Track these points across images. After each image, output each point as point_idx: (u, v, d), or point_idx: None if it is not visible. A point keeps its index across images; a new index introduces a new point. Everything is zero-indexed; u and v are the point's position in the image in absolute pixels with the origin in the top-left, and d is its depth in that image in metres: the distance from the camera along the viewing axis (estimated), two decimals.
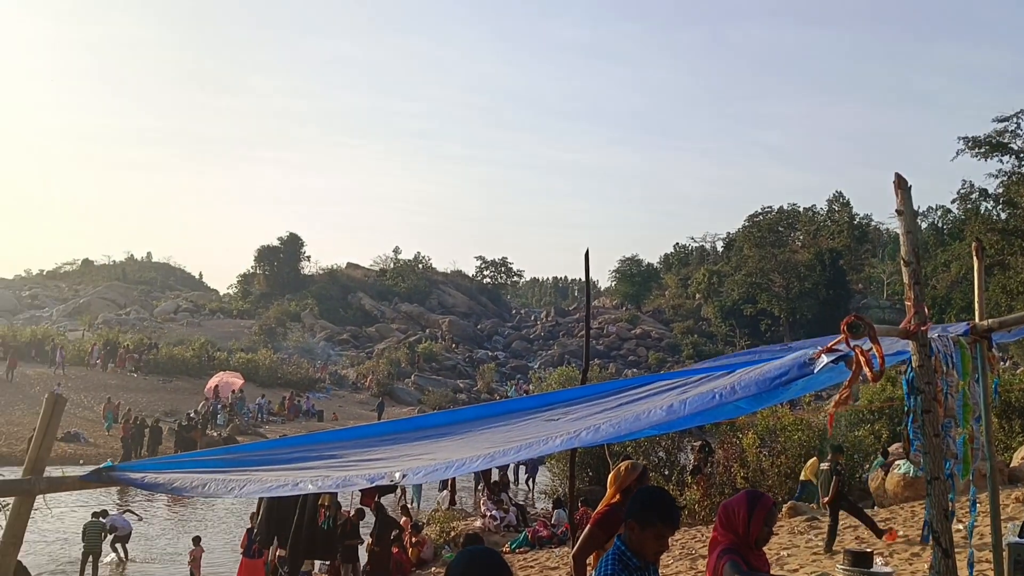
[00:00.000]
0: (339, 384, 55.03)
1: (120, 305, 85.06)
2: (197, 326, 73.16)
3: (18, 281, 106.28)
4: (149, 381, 43.67)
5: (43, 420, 3.70)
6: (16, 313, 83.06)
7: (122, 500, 21.59)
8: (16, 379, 38.17)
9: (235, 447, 4.91)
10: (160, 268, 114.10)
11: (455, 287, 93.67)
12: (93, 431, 31.80)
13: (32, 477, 3.55)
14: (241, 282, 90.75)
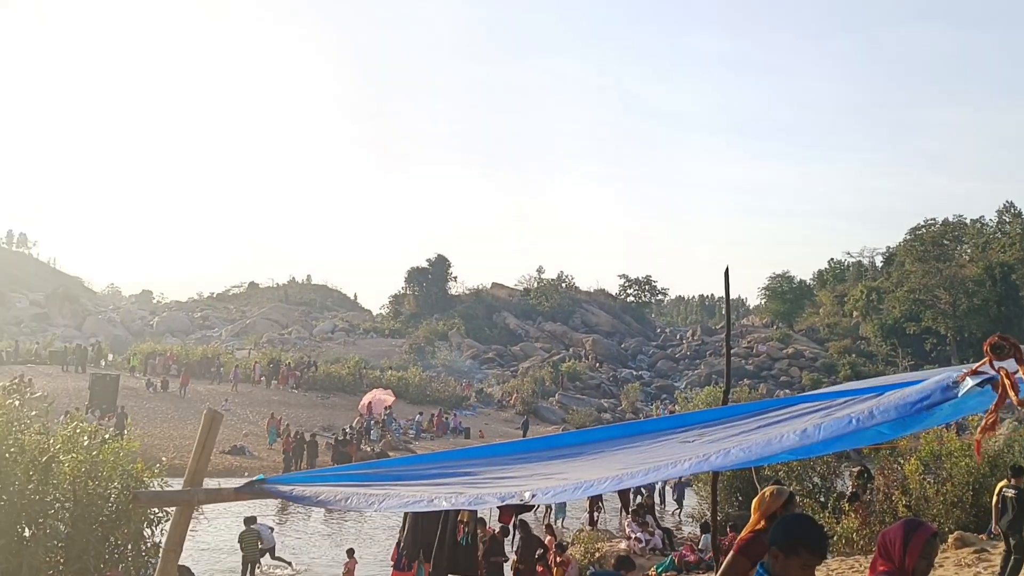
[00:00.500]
0: (485, 402, 55.88)
1: (282, 325, 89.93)
2: (352, 345, 76.28)
3: (191, 303, 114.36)
4: (308, 397, 45.79)
5: (201, 435, 3.98)
6: (189, 333, 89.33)
7: (281, 512, 22.72)
8: (188, 395, 40.94)
9: (377, 462, 5.09)
10: (319, 290, 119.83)
11: (598, 306, 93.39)
12: (258, 445, 33.63)
13: (191, 488, 3.82)
14: (392, 302, 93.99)
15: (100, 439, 8.71)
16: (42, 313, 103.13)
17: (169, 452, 23.87)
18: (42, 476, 7.93)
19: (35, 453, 8.11)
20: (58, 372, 43.86)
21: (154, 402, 38.78)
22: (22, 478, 7.65)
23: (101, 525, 8.06)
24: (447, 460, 4.49)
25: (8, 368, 40.85)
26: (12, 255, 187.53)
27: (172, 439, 30.50)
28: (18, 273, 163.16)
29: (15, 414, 8.37)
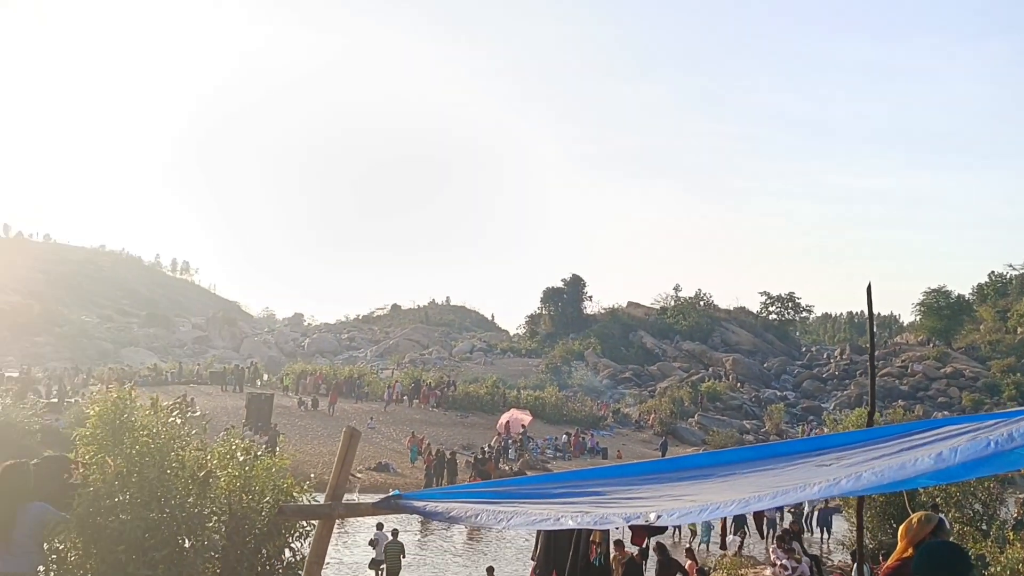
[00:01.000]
0: (622, 422, 55.35)
1: (423, 345, 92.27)
2: (490, 364, 77.37)
3: (338, 325, 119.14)
4: (448, 416, 46.73)
5: (341, 451, 4.18)
6: (337, 354, 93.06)
7: (423, 530, 23.24)
8: (336, 413, 42.59)
9: (510, 480, 5.17)
10: (457, 311, 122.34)
11: (739, 324, 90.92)
12: (401, 462, 34.57)
13: (333, 503, 4.01)
14: (529, 322, 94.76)
15: (253, 455, 9.19)
16: (203, 336, 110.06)
17: (318, 468, 24.82)
18: (200, 490, 8.42)
19: (194, 468, 8.63)
20: (217, 391, 46.60)
21: (305, 420, 40.54)
22: (182, 492, 8.15)
23: (254, 537, 8.49)
24: (577, 479, 4.51)
25: (172, 388, 43.73)
26: (176, 282, 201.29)
27: (321, 455, 31.75)
28: (181, 299, 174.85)
29: (177, 431, 8.93)
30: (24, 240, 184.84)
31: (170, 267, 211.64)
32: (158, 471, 8.16)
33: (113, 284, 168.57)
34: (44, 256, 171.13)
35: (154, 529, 7.61)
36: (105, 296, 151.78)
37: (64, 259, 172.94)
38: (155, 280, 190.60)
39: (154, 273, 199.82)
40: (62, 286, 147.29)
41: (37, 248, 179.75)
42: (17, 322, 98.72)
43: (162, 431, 8.62)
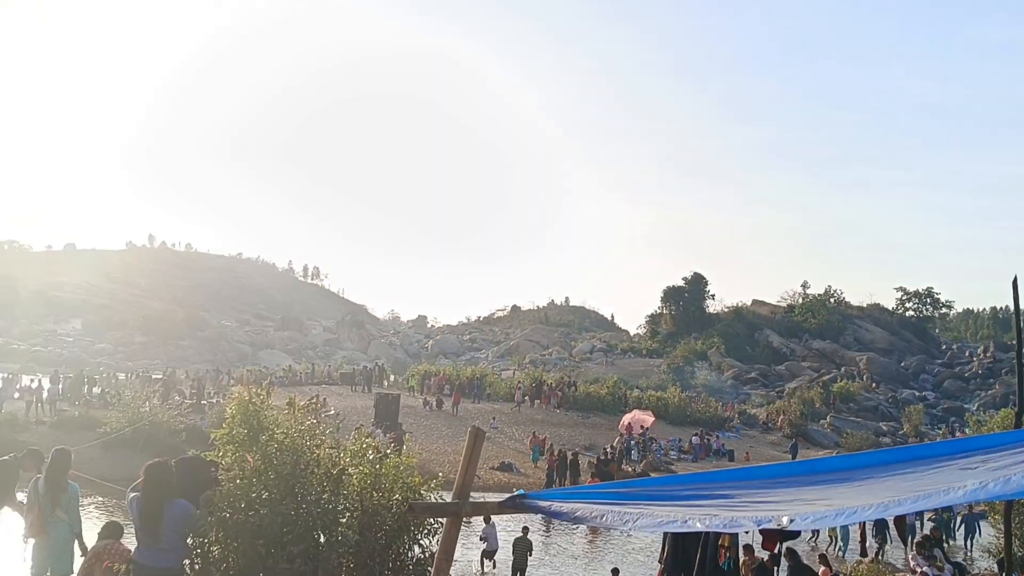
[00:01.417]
0: (749, 424, 53.92)
1: (543, 346, 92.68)
2: (610, 365, 76.95)
3: (460, 327, 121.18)
4: (569, 417, 46.72)
5: (467, 450, 4.25)
6: (459, 355, 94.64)
7: (546, 529, 23.32)
8: (460, 413, 43.29)
9: (635, 481, 5.13)
10: (577, 311, 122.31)
11: (873, 321, 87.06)
12: (523, 462, 34.81)
13: (459, 501, 4.08)
14: (649, 322, 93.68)
15: (382, 453, 9.45)
16: (333, 338, 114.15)
17: (444, 467, 25.34)
18: (334, 487, 8.72)
19: (328, 466, 8.94)
20: (347, 392, 48.19)
21: (430, 419, 41.40)
22: (317, 489, 8.46)
23: (385, 534, 8.73)
24: (704, 482, 4.43)
25: (306, 388, 45.50)
26: (307, 287, 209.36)
27: (446, 454, 32.35)
28: (312, 303, 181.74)
29: (312, 430, 9.28)
30: (168, 250, 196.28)
31: (302, 273, 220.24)
32: (293, 468, 8.50)
33: (250, 290, 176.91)
34: (186, 264, 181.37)
35: (291, 524, 7.93)
36: (243, 301, 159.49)
37: (205, 267, 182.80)
38: (288, 285, 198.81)
39: (287, 279, 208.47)
40: (203, 293, 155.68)
41: (180, 257, 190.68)
42: (162, 327, 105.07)
43: (297, 429, 8.99)
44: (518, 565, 17.12)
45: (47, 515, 8.86)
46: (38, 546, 8.91)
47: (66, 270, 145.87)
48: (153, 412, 30.19)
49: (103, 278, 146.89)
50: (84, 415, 32.26)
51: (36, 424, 31.05)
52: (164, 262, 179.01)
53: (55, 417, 32.44)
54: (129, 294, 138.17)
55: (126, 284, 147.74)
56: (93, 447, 25.28)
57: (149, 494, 7.36)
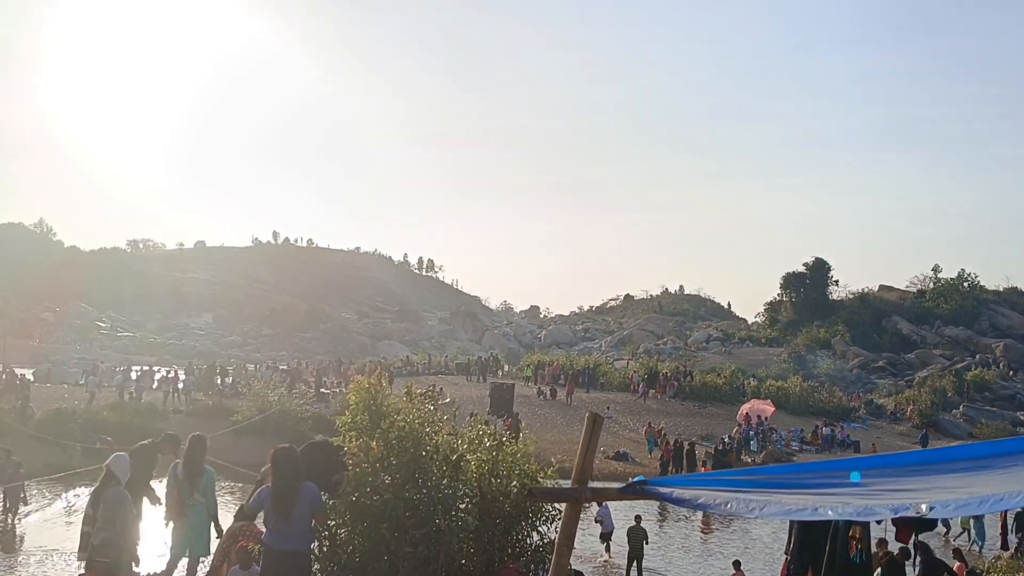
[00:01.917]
0: (875, 414, 51.77)
1: (657, 335, 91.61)
2: (727, 354, 75.34)
3: (572, 317, 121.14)
4: (685, 406, 46.03)
5: (585, 436, 4.22)
6: (572, 344, 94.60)
7: (661, 520, 23.08)
8: (574, 402, 43.31)
9: (759, 469, 4.99)
10: (692, 299, 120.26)
11: (1010, 306, 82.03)
12: (638, 452, 34.54)
13: (580, 486, 4.07)
14: (768, 310, 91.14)
15: (498, 440, 9.54)
16: (448, 329, 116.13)
17: (559, 455, 25.42)
18: (453, 473, 8.86)
19: (447, 452, 9.10)
20: (463, 381, 48.97)
21: (544, 409, 41.59)
22: (437, 474, 8.62)
23: (503, 520, 8.82)
24: (833, 469, 4.26)
25: (423, 378, 46.49)
26: (423, 279, 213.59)
27: (561, 443, 32.44)
28: (428, 295, 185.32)
29: (430, 417, 9.47)
30: (291, 245, 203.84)
31: (417, 266, 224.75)
32: (414, 454, 8.69)
33: (368, 283, 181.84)
34: (308, 259, 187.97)
35: (413, 508, 8.11)
36: (361, 294, 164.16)
37: (325, 261, 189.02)
38: (404, 278, 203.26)
39: (403, 271, 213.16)
40: (324, 286, 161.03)
41: (302, 252, 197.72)
42: (287, 320, 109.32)
43: (416, 417, 9.19)
44: (635, 554, 17.02)
45: (186, 498, 9.33)
46: (178, 527, 9.40)
47: (197, 267, 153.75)
48: (280, 401, 31.47)
49: (231, 274, 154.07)
50: (217, 404, 33.97)
51: (173, 412, 32.88)
52: (288, 257, 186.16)
53: (190, 406, 34.27)
54: (256, 289, 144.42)
55: (253, 279, 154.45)
56: (225, 434, 26.56)
57: (283, 477, 7.55)
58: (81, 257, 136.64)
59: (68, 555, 16.55)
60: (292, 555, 7.74)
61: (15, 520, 19.53)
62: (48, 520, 19.91)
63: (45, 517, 20.30)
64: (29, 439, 26.89)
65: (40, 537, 18.80)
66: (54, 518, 20.45)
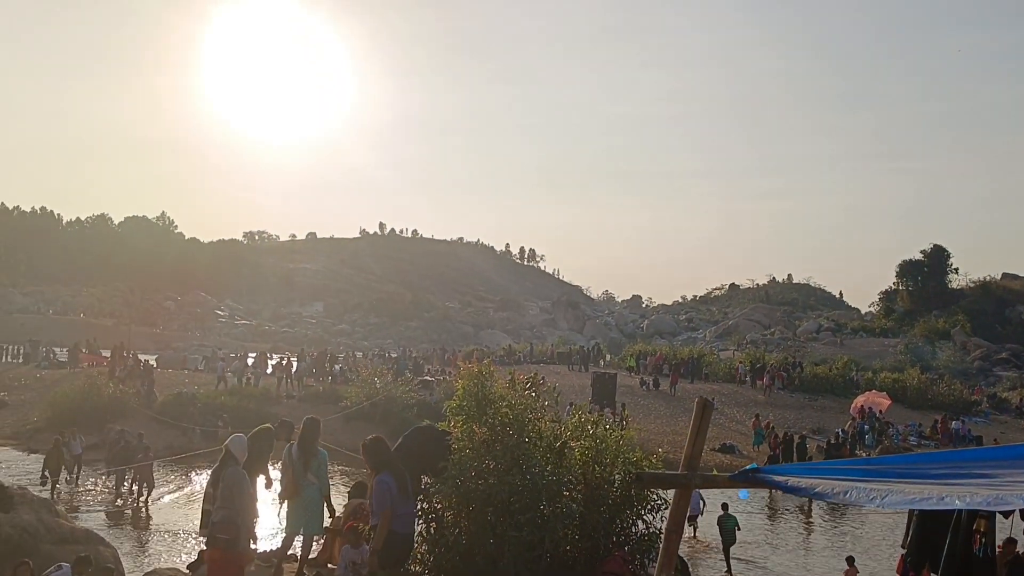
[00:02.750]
0: (1000, 408, 49.11)
1: (764, 326, 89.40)
2: (839, 345, 72.87)
3: (676, 306, 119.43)
4: (795, 399, 44.76)
5: (694, 423, 4.14)
6: (675, 335, 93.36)
7: (770, 514, 22.54)
8: (678, 393, 42.73)
9: (878, 459, 4.80)
10: (800, 289, 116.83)
11: None
12: (745, 444, 33.82)
13: (688, 472, 3.99)
14: (883, 299, 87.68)
15: (601, 428, 9.49)
16: (549, 318, 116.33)
17: (662, 446, 25.15)
18: (556, 460, 8.86)
19: (550, 439, 9.10)
20: (564, 371, 48.97)
21: (647, 399, 41.20)
22: (540, 461, 8.63)
23: (608, 508, 8.77)
24: (959, 460, 4.04)
25: (525, 367, 46.72)
26: (524, 269, 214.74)
27: (665, 434, 32.10)
28: (529, 284, 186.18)
29: (533, 403, 9.49)
30: (397, 236, 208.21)
31: (518, 255, 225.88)
32: (518, 440, 8.73)
33: (470, 273, 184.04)
34: (413, 249, 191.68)
35: (518, 494, 8.15)
36: (464, 284, 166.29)
37: (429, 251, 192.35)
38: (506, 268, 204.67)
39: (505, 261, 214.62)
40: (428, 276, 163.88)
41: (407, 243, 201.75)
42: (393, 308, 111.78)
43: (519, 403, 9.22)
44: (728, 541, 16.81)
45: (300, 478, 9.64)
46: (292, 507, 9.73)
47: (308, 257, 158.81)
48: (387, 387, 32.21)
49: (340, 264, 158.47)
50: (328, 389, 35.05)
51: (287, 398, 34.09)
52: (393, 248, 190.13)
53: (302, 391, 35.46)
54: (363, 279, 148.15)
55: (360, 269, 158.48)
56: (336, 419, 27.40)
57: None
58: (200, 249, 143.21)
59: (189, 532, 17.43)
60: (411, 537, 8.17)
61: (148, 500, 20.54)
62: (172, 499, 20.96)
63: (169, 496, 21.37)
64: (152, 421, 28.41)
65: (164, 515, 19.84)
66: (177, 497, 21.52)
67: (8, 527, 11.42)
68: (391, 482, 7.98)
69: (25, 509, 12.00)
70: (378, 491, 7.88)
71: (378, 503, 7.85)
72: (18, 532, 11.44)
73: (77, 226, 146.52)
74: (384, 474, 8.07)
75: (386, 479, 8.00)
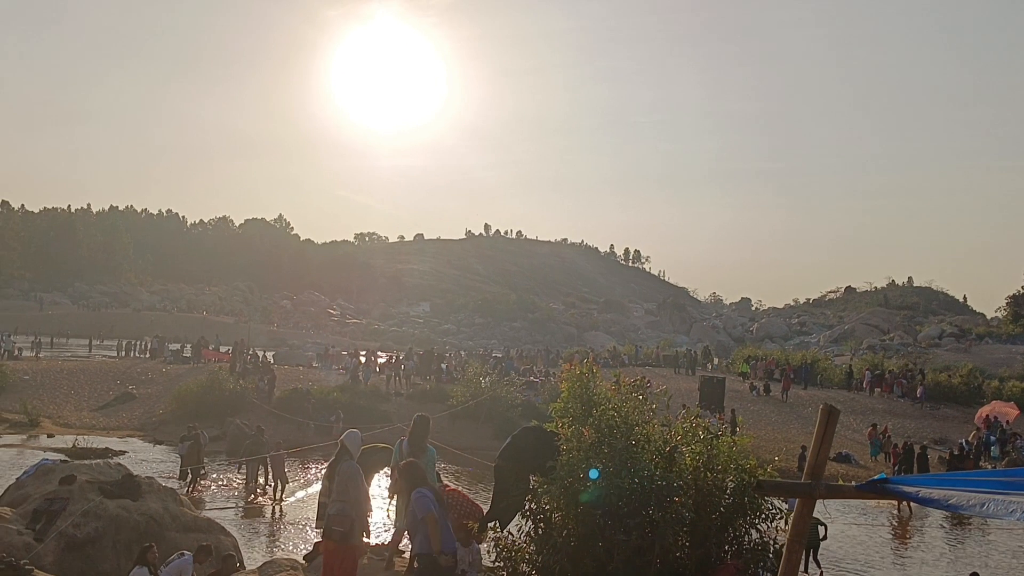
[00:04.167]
0: None
1: (882, 331, 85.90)
2: (963, 352, 69.28)
3: (787, 310, 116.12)
4: (915, 407, 42.79)
5: (819, 430, 3.99)
6: (787, 339, 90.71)
7: (894, 526, 21.59)
8: (789, 399, 41.46)
9: (1013, 471, 4.52)
10: (922, 292, 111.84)
11: None
12: (862, 454, 32.53)
13: (813, 481, 3.85)
14: (1011, 304, 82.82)
15: (713, 434, 9.30)
16: (655, 320, 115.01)
17: (773, 454, 24.41)
18: (666, 464, 8.73)
19: (659, 443, 8.98)
20: (671, 374, 48.24)
21: (757, 404, 40.15)
22: (649, 465, 8.52)
23: (720, 515, 8.59)
24: None
25: (629, 369, 46.25)
26: (628, 270, 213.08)
27: (776, 441, 31.21)
28: (634, 285, 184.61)
29: (640, 406, 9.38)
30: (501, 237, 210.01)
31: (623, 256, 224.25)
32: (626, 443, 8.64)
33: (574, 274, 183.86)
34: (517, 251, 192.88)
35: (626, 497, 8.07)
36: (568, 285, 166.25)
37: (532, 253, 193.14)
38: (610, 269, 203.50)
39: (609, 262, 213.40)
40: (532, 276, 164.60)
41: (511, 244, 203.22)
42: (498, 309, 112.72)
43: (626, 406, 9.13)
44: (811, 543, 16.20)
45: None
46: (402, 502, 9.92)
47: (415, 258, 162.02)
48: (492, 387, 32.48)
49: (446, 265, 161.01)
50: (434, 388, 35.62)
51: (395, 395, 34.82)
52: (498, 249, 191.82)
53: (410, 389, 36.16)
54: (468, 279, 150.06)
55: (465, 270, 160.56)
56: (442, 417, 27.79)
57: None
58: (314, 250, 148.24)
59: (306, 524, 18.00)
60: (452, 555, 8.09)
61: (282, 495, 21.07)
62: (289, 491, 21.63)
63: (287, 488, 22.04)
64: (269, 416, 29.48)
65: (282, 507, 20.55)
66: (294, 490, 22.22)
67: (137, 514, 12.06)
68: (430, 494, 7.99)
69: (152, 498, 12.64)
70: (419, 502, 7.84)
71: (422, 508, 7.79)
72: (145, 519, 12.05)
73: (200, 228, 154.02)
74: (422, 489, 8.07)
75: (425, 491, 8.00)
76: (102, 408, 33.32)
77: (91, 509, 11.63)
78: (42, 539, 10.93)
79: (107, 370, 40.82)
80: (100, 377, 38.46)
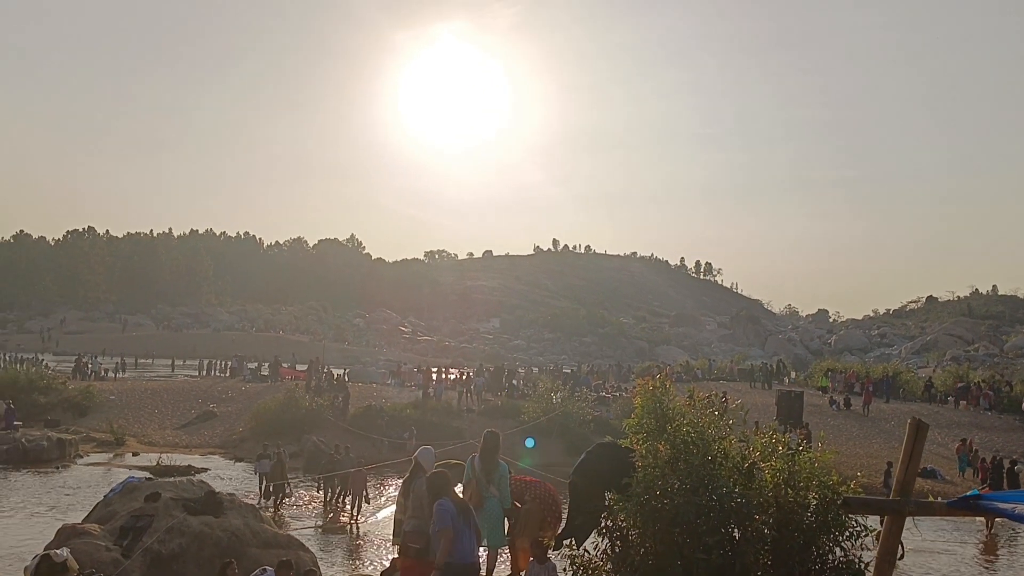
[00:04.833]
0: None
1: (967, 341, 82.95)
2: None
3: (867, 320, 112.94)
4: (1004, 420, 41.09)
5: (907, 445, 3.84)
6: (866, 351, 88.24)
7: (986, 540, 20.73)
8: (871, 413, 40.22)
9: None
10: (1008, 301, 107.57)
11: None
12: (948, 469, 31.34)
13: (902, 498, 3.70)
14: None
15: (793, 450, 9.04)
16: (728, 334, 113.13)
17: (855, 470, 23.67)
18: (745, 481, 8.51)
19: (737, 459, 8.77)
20: (746, 388, 47.30)
21: (837, 419, 39.06)
22: (727, 481, 8.33)
23: (802, 533, 8.34)
24: None
25: (703, 384, 45.53)
26: (700, 283, 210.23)
27: (857, 457, 30.30)
28: (706, 299, 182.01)
29: (717, 422, 9.18)
30: (570, 252, 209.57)
31: (694, 269, 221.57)
32: (703, 459, 8.46)
33: (644, 287, 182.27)
34: (586, 265, 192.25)
35: (704, 515, 7.90)
36: (638, 299, 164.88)
37: (601, 267, 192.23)
38: (681, 282, 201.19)
39: (680, 276, 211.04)
40: (601, 291, 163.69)
41: (580, 259, 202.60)
42: (567, 324, 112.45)
43: (702, 421, 8.95)
44: None
45: (483, 490, 9.79)
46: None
47: (484, 275, 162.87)
48: (565, 403, 32.32)
49: (515, 280, 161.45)
50: (505, 404, 35.62)
51: (467, 411, 34.93)
52: (566, 264, 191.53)
53: (482, 405, 36.23)
54: (537, 295, 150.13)
55: (534, 286, 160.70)
56: (513, 433, 27.73)
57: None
58: (385, 268, 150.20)
59: (382, 540, 18.14)
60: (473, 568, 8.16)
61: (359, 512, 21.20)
62: (366, 508, 21.79)
63: (370, 508, 22.17)
64: (344, 433, 29.87)
65: (359, 523, 20.74)
66: (371, 507, 22.39)
67: (219, 530, 12.32)
68: (451, 506, 8.01)
69: (234, 514, 12.90)
70: (438, 514, 7.95)
71: (439, 521, 7.91)
72: (227, 535, 12.31)
73: (276, 249, 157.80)
74: (444, 500, 8.10)
75: (446, 503, 8.04)
76: (184, 426, 34.23)
77: (175, 526, 11.93)
78: (129, 555, 11.25)
79: (189, 389, 41.97)
80: (182, 396, 39.54)
